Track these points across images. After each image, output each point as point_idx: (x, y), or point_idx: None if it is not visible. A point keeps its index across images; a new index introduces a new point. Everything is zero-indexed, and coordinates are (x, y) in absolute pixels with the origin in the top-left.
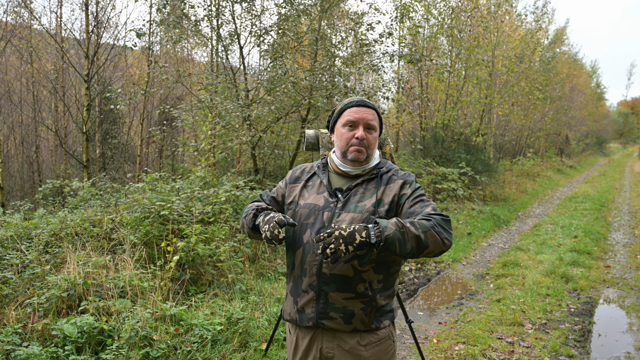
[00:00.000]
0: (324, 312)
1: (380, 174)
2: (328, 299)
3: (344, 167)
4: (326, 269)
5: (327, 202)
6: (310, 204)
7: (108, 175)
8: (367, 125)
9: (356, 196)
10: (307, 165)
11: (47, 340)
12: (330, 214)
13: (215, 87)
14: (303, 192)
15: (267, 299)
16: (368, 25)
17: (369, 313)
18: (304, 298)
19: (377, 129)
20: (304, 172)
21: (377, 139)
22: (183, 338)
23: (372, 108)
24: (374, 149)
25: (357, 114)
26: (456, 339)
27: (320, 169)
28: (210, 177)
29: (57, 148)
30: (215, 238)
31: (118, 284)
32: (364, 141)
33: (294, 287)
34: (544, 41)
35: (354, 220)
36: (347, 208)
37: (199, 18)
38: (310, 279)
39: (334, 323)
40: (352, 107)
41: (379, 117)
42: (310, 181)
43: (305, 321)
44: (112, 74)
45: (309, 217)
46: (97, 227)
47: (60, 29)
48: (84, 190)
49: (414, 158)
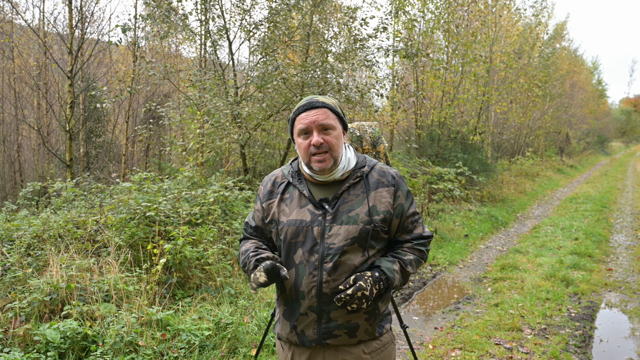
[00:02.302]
0: (327, 332)
1: (365, 175)
2: (330, 318)
3: (319, 177)
4: (327, 288)
5: (314, 216)
6: (296, 220)
7: (92, 175)
8: (321, 128)
9: (345, 205)
10: (276, 174)
11: (29, 346)
12: (320, 229)
13: (204, 84)
14: (282, 207)
15: (257, 303)
16: (362, 20)
17: (372, 322)
18: (303, 322)
19: (336, 126)
20: (276, 183)
21: (339, 137)
22: (170, 344)
23: (322, 107)
24: (339, 149)
25: (306, 118)
26: (452, 345)
27: (294, 177)
28: (198, 177)
29: (40, 147)
30: (203, 240)
31: (102, 288)
32: (322, 145)
33: (288, 311)
34: (544, 36)
35: (349, 233)
36: (338, 220)
37: (186, 12)
38: (310, 302)
39: (338, 340)
40: (300, 113)
41: (335, 112)
42: (287, 193)
43: (307, 343)
44: (97, 70)
45: (298, 235)
46: (81, 229)
47: (43, 24)
48: (67, 190)
49: (409, 157)
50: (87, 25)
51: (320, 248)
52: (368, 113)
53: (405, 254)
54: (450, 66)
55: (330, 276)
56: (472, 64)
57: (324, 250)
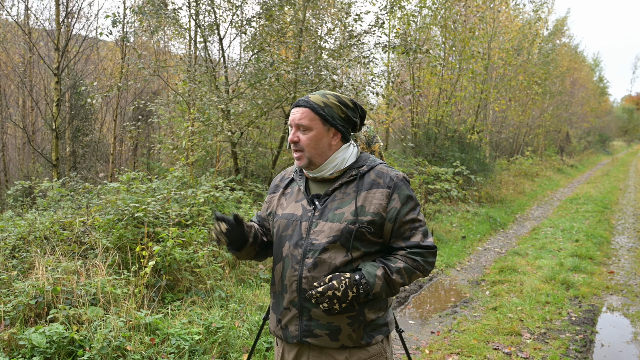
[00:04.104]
0: (308, 329)
1: (361, 174)
2: (312, 316)
3: (309, 173)
4: (306, 284)
5: (305, 211)
6: (289, 214)
7: (79, 175)
8: (297, 127)
9: (334, 202)
10: (288, 170)
11: (14, 350)
12: (308, 224)
13: (196, 79)
14: (281, 201)
15: (249, 306)
16: (356, 15)
17: (357, 328)
18: (286, 315)
19: (313, 127)
20: (283, 178)
21: (314, 138)
22: (159, 348)
23: (305, 106)
24: (313, 150)
25: (291, 115)
26: (450, 350)
27: (297, 173)
28: (189, 177)
29: (25, 146)
30: (193, 242)
31: (89, 291)
32: (297, 144)
33: (275, 304)
34: (543, 32)
35: (332, 231)
36: (324, 216)
37: (177, 6)
38: (291, 296)
39: (320, 340)
40: (292, 109)
41: (316, 112)
42: (289, 188)
43: (290, 338)
44: (84, 67)
45: (287, 229)
46: (67, 230)
47: (29, 19)
48: (54, 191)
49: (405, 156)
50: (75, 20)
51: (305, 243)
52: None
53: (396, 261)
54: (448, 63)
55: (310, 272)
56: (470, 61)
57: (307, 246)
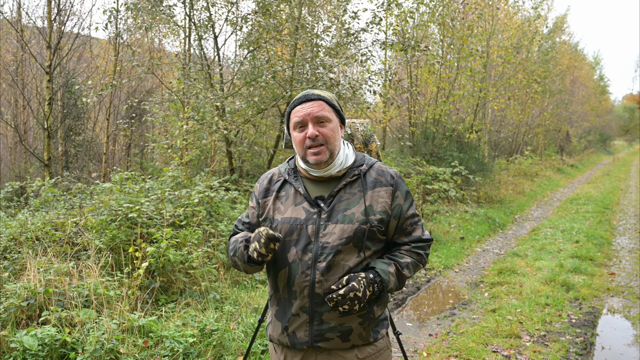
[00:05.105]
0: (319, 334)
1: (363, 173)
2: (323, 320)
3: (315, 172)
4: (319, 288)
5: (309, 214)
6: (290, 218)
7: (72, 174)
8: (316, 120)
9: (341, 203)
10: (273, 172)
11: (6, 353)
12: (315, 227)
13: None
14: (277, 205)
15: (244, 308)
16: (353, 13)
17: (367, 327)
18: (295, 322)
19: (332, 118)
20: (272, 181)
21: (335, 130)
22: (152, 351)
23: (317, 99)
24: (335, 142)
25: (301, 111)
26: (448, 352)
27: (291, 175)
28: (183, 177)
29: (17, 145)
30: (188, 243)
31: (82, 293)
32: (318, 138)
33: (280, 311)
34: (543, 30)
35: (344, 232)
36: (333, 218)
37: (171, 3)
38: (302, 302)
39: (331, 343)
40: (295, 106)
41: (331, 105)
42: (283, 191)
43: (298, 345)
44: (77, 66)
45: (292, 234)
46: (59, 231)
47: (20, 16)
48: (46, 191)
49: (402, 156)
50: (67, 18)
51: (314, 247)
52: (360, 110)
53: (403, 256)
54: (446, 61)
55: (323, 276)
56: (469, 59)
57: (317, 249)
